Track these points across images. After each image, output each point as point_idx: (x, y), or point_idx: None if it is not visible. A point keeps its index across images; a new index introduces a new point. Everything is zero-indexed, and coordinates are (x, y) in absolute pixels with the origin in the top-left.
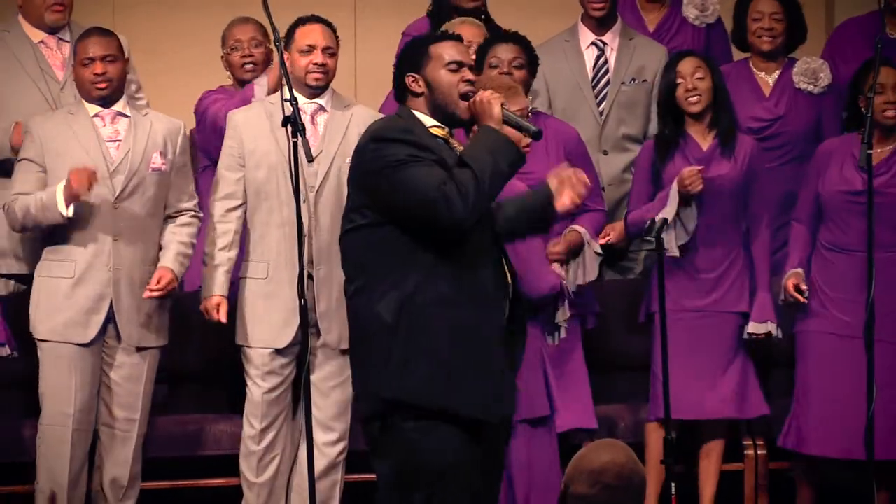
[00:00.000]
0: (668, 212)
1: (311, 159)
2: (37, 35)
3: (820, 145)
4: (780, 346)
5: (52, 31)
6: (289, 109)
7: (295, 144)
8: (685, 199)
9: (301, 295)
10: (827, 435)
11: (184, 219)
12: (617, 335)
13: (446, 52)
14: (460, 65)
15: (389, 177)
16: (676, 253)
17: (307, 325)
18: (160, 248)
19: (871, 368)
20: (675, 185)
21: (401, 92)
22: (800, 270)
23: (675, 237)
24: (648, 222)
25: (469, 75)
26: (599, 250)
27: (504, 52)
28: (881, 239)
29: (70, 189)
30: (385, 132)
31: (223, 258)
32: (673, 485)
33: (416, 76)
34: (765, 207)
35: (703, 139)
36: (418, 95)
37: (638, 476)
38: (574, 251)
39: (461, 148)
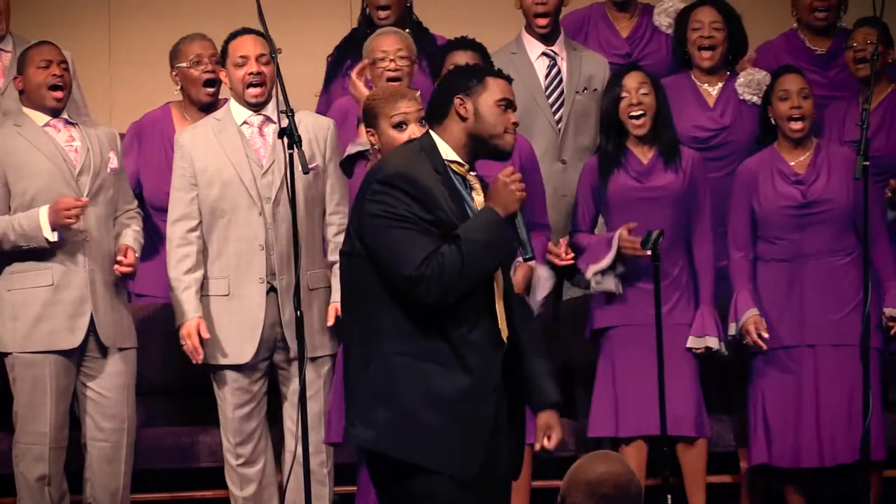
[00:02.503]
0: (606, 263)
1: (306, 171)
2: None
3: (740, 166)
4: (740, 359)
5: None
6: (285, 121)
7: (291, 156)
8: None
9: (297, 307)
10: (801, 446)
11: (130, 213)
12: (582, 350)
13: (500, 88)
14: (509, 105)
15: (379, 227)
16: (620, 291)
17: (303, 336)
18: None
19: (867, 375)
20: (616, 240)
21: (439, 112)
22: (756, 314)
23: (613, 281)
24: (646, 233)
25: (514, 119)
26: (548, 272)
27: (462, 60)
28: (815, 247)
29: (58, 218)
30: (393, 178)
31: (191, 280)
32: (669, 497)
33: (465, 100)
34: (707, 220)
35: (642, 153)
36: (463, 119)
37: (635, 485)
38: (529, 284)
39: (477, 186)
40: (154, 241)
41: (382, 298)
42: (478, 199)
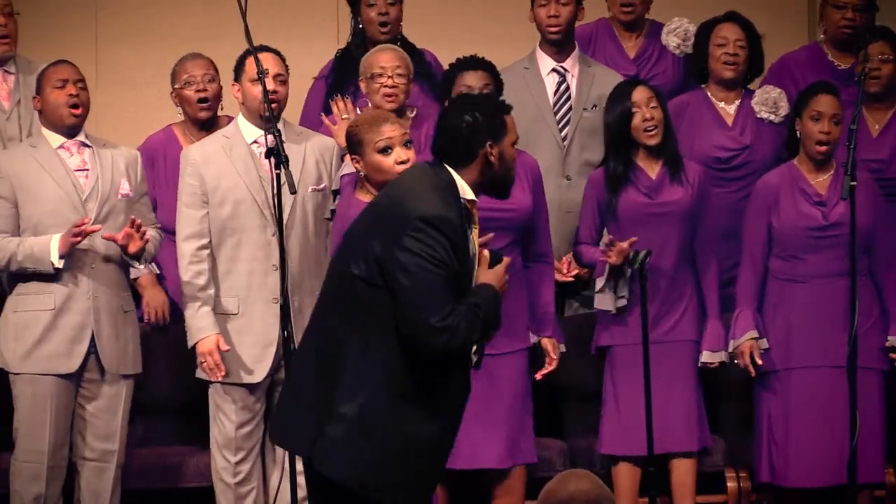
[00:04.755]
0: (601, 281)
1: (293, 190)
2: None
3: (759, 181)
4: (730, 378)
5: None
6: (272, 141)
7: (278, 176)
8: (616, 270)
9: (284, 326)
10: (811, 466)
11: (151, 227)
12: (572, 369)
13: (513, 126)
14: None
15: (415, 266)
16: (613, 310)
17: (290, 354)
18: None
19: (854, 396)
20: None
21: (465, 154)
22: (755, 336)
23: (612, 299)
24: (633, 253)
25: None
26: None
27: (474, 80)
28: (830, 268)
29: (65, 239)
30: (437, 221)
31: (205, 297)
32: None
33: (494, 146)
34: (713, 235)
35: (651, 168)
36: (490, 166)
37: (608, 500)
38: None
39: (476, 219)
40: (169, 266)
41: (391, 333)
42: (475, 232)
